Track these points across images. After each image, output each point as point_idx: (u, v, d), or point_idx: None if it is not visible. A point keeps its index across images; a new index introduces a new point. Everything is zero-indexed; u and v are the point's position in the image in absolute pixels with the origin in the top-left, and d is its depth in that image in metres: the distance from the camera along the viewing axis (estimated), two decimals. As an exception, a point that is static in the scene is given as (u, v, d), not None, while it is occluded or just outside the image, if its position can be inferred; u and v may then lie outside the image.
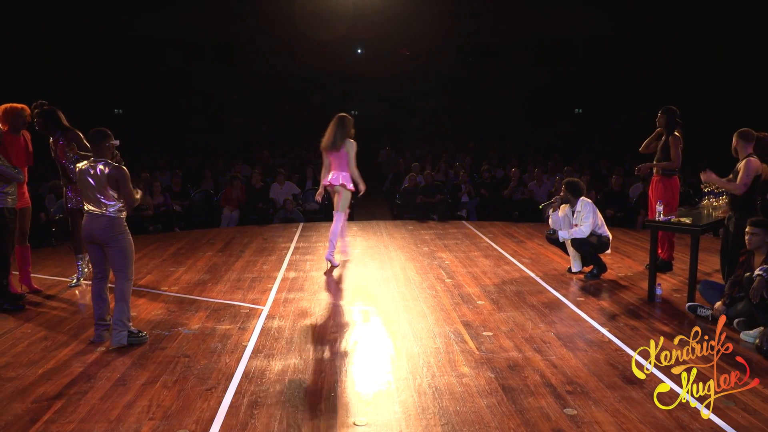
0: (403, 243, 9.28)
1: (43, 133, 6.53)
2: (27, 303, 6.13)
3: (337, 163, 7.49)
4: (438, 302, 6.14)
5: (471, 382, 4.19)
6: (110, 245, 4.85)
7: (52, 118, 6.48)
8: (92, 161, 4.87)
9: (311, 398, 3.97)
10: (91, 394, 4.02)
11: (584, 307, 5.92)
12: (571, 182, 7.17)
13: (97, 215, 4.83)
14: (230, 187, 11.96)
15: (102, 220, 4.81)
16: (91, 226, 4.84)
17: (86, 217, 4.89)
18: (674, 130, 7.15)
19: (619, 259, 7.99)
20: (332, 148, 7.43)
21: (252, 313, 5.80)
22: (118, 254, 4.87)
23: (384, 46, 23.28)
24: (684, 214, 6.61)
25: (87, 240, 4.94)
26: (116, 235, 4.85)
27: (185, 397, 3.97)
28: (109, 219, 4.83)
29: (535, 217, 11.66)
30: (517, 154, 17.29)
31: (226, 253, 8.66)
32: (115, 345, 4.86)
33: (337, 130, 7.41)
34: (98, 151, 4.87)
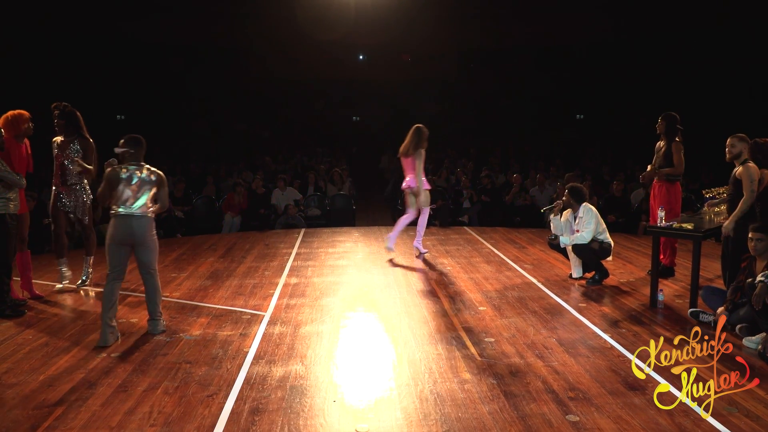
0: (405, 249, 9.27)
1: (60, 134, 6.71)
2: (28, 309, 6.13)
3: (408, 168, 8.40)
4: (440, 308, 6.13)
5: (473, 388, 4.18)
6: (145, 245, 5.17)
7: (74, 120, 6.71)
8: (134, 165, 5.20)
9: (313, 405, 3.96)
10: (92, 401, 4.01)
11: (586, 313, 5.91)
12: (574, 187, 7.16)
13: (138, 216, 5.11)
14: (232, 192, 11.98)
15: (144, 221, 5.13)
16: (127, 226, 5.09)
17: (122, 219, 5.09)
18: (675, 137, 7.15)
19: (620, 264, 7.98)
20: (405, 155, 8.39)
21: (253, 319, 5.79)
22: (151, 253, 5.24)
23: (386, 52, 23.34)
24: (686, 219, 6.59)
25: (119, 242, 5.13)
26: (152, 235, 5.22)
27: (186, 404, 3.97)
28: (149, 219, 5.18)
29: (536, 222, 11.66)
30: (519, 160, 17.30)
31: (227, 258, 8.66)
32: (159, 332, 5.33)
33: (411, 140, 8.36)
34: (138, 156, 5.24)
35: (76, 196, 6.82)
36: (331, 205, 12.76)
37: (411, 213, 8.54)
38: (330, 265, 8.19)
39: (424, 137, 8.32)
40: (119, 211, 5.11)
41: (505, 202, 12.59)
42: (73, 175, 6.75)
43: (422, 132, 8.33)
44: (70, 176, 6.75)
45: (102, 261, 8.47)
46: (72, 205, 6.82)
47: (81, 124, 6.78)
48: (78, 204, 6.84)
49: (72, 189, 6.79)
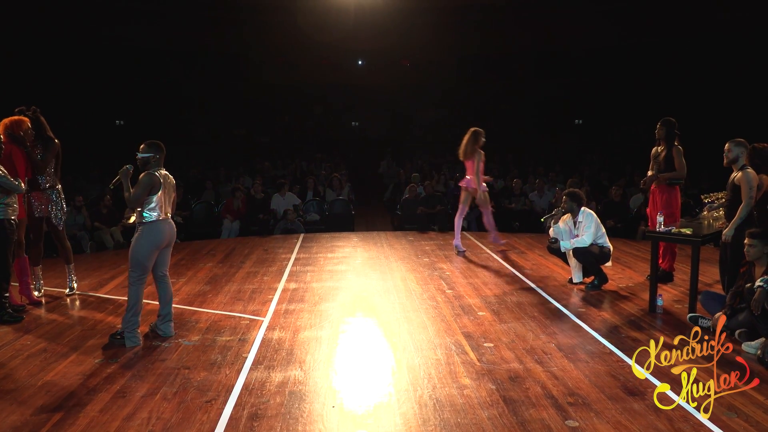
0: (404, 254, 9.27)
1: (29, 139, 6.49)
2: (27, 314, 6.12)
3: (469, 169, 8.95)
4: (439, 313, 6.12)
5: (472, 393, 4.18)
6: (171, 246, 5.50)
7: (37, 124, 6.54)
8: (163, 170, 5.36)
9: (312, 410, 3.95)
10: (91, 407, 4.00)
11: (585, 318, 5.91)
12: (573, 193, 7.18)
13: (171, 220, 5.38)
14: (231, 198, 11.98)
15: (173, 225, 5.44)
16: (171, 230, 5.36)
17: (167, 224, 5.31)
18: (674, 141, 7.17)
19: (619, 269, 7.98)
20: (464, 157, 8.90)
21: (252, 325, 5.78)
22: (170, 254, 5.55)
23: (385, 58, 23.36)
24: (684, 224, 6.60)
25: (163, 245, 5.30)
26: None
27: (185, 410, 3.96)
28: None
29: (535, 227, 11.67)
30: (518, 165, 17.31)
31: (226, 264, 8.65)
32: (173, 334, 5.45)
33: (468, 142, 8.82)
34: (162, 161, 5.37)
35: (51, 201, 6.70)
36: (330, 210, 12.76)
37: (462, 209, 9.29)
38: (329, 271, 8.19)
39: (481, 139, 8.81)
40: (160, 216, 5.21)
41: (505, 207, 12.59)
42: (42, 177, 6.61)
43: (479, 134, 8.81)
44: (42, 181, 6.62)
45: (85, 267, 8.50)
46: (45, 211, 6.67)
47: (45, 127, 6.60)
48: (53, 209, 6.72)
49: (45, 194, 6.65)
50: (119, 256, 9.39)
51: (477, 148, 8.80)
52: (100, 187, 13.11)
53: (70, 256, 7.02)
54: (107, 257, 9.43)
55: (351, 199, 13.62)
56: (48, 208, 6.67)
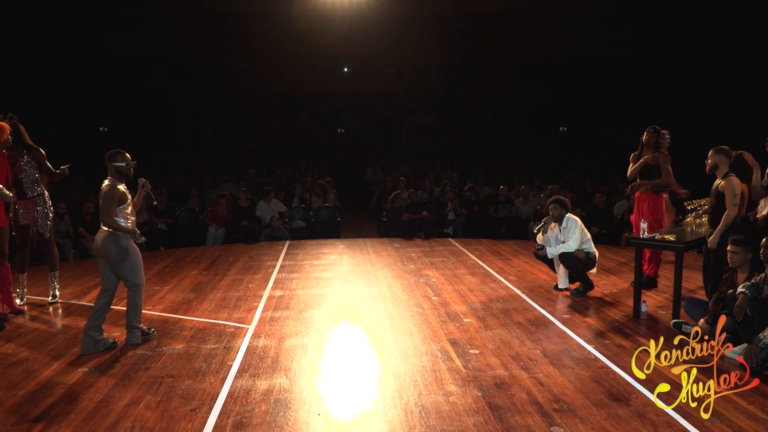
0: (390, 261, 9.27)
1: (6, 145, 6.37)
2: (8, 323, 6.04)
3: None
4: (425, 320, 6.12)
5: (458, 400, 4.18)
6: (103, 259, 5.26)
7: (17, 132, 6.46)
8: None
9: (297, 418, 3.93)
10: (74, 416, 3.96)
11: (571, 325, 5.93)
12: (559, 199, 7.23)
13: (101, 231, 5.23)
14: (216, 205, 11.92)
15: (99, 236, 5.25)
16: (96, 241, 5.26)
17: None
18: (660, 148, 7.25)
19: (604, 276, 8.03)
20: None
21: (237, 333, 5.75)
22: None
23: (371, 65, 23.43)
24: (668, 231, 6.66)
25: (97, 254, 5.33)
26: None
27: (169, 418, 3.92)
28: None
29: (521, 234, 11.72)
30: (504, 172, 17.40)
31: (211, 271, 8.61)
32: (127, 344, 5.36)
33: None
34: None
35: (37, 209, 6.65)
36: (315, 217, 12.74)
37: None
38: (315, 278, 8.17)
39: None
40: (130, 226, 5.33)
41: (489, 213, 12.64)
42: (31, 188, 6.59)
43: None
44: (28, 189, 6.58)
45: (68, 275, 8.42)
46: (31, 218, 6.63)
47: (24, 134, 6.54)
48: (38, 217, 6.67)
49: (31, 202, 6.61)
50: (103, 263, 9.30)
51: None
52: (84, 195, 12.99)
53: (56, 263, 6.96)
54: (90, 265, 9.32)
55: (337, 206, 13.61)
56: (34, 215, 6.62)
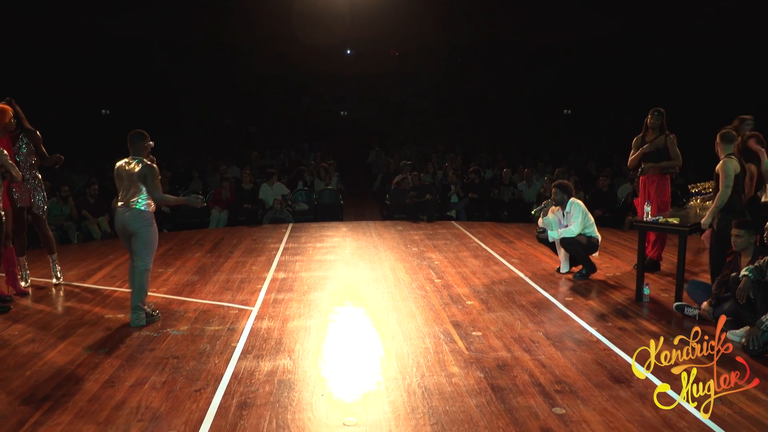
0: (393, 243, 9.29)
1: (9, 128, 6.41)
2: (14, 305, 6.08)
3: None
4: (427, 302, 6.15)
5: (460, 381, 4.21)
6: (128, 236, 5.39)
7: (17, 116, 6.48)
8: (129, 159, 5.39)
9: (301, 399, 3.96)
10: (79, 396, 3.99)
11: (573, 307, 5.95)
12: (562, 184, 7.21)
13: (125, 209, 5.34)
14: (220, 188, 11.93)
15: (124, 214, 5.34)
16: (120, 219, 5.38)
17: (117, 213, 5.42)
18: (665, 131, 7.22)
19: (607, 259, 8.03)
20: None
21: (241, 314, 5.78)
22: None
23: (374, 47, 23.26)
24: (672, 214, 6.65)
25: (118, 233, 5.51)
26: (142, 227, 5.33)
27: (174, 399, 3.96)
28: (137, 212, 5.32)
29: (524, 217, 11.71)
30: (507, 155, 17.35)
31: (215, 254, 8.63)
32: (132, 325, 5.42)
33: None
34: (136, 150, 5.39)
35: (32, 191, 6.67)
36: (318, 200, 12.74)
37: None
38: (318, 260, 8.19)
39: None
40: (117, 204, 5.46)
41: (492, 197, 12.63)
42: (26, 170, 6.59)
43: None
44: (24, 172, 6.56)
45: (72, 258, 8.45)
46: (28, 201, 6.65)
47: (23, 117, 6.57)
48: (35, 200, 6.70)
49: (28, 184, 6.62)
50: (106, 246, 9.34)
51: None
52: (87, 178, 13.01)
53: (53, 246, 7.00)
54: (94, 247, 9.37)
55: (340, 189, 13.61)
56: (30, 198, 6.65)
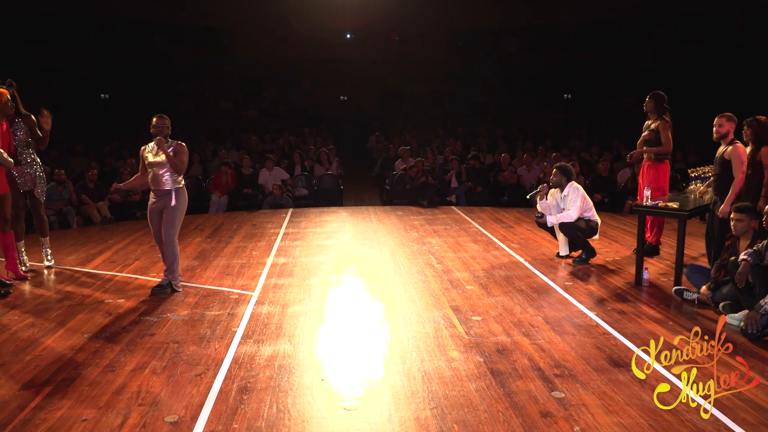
0: (393, 228, 9.29)
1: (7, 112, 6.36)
2: (13, 290, 6.08)
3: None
4: (427, 287, 6.15)
5: (460, 366, 4.22)
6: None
7: (14, 99, 6.46)
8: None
9: (301, 383, 3.98)
10: (80, 381, 4.01)
11: (572, 292, 5.96)
12: (562, 166, 7.19)
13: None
14: (219, 173, 11.90)
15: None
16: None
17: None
18: (662, 115, 7.17)
19: (606, 243, 8.03)
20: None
21: (241, 299, 5.79)
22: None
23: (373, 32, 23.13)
24: (671, 198, 6.64)
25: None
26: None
27: (174, 383, 3.97)
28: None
29: (523, 202, 11.70)
30: (507, 140, 17.30)
31: (214, 239, 8.63)
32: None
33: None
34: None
35: (31, 173, 6.67)
36: (318, 185, 12.72)
37: None
38: (318, 245, 8.19)
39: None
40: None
41: (493, 181, 12.60)
42: (26, 153, 6.60)
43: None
44: (22, 155, 6.58)
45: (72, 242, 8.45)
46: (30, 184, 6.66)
47: (19, 101, 6.56)
48: (36, 181, 6.71)
49: (29, 168, 6.63)
50: (106, 231, 9.34)
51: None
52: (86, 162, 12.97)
53: (45, 230, 7.02)
54: (94, 232, 9.36)
55: (340, 174, 13.58)
56: (33, 181, 6.65)
